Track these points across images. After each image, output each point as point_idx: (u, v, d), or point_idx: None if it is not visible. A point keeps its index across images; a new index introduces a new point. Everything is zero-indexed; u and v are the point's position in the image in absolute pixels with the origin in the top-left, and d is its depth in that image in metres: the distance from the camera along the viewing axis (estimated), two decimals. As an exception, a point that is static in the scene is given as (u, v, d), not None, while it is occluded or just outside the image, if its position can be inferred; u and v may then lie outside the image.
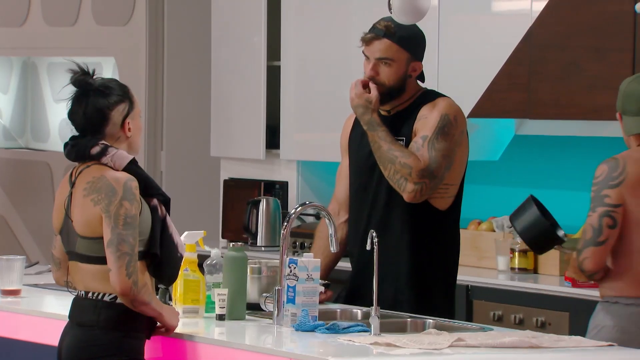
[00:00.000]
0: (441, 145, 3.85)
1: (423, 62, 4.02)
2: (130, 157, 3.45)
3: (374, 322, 3.39)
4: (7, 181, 7.62)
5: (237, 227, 6.06)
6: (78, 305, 3.45)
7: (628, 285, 3.62)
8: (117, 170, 3.43)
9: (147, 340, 3.47)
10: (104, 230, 3.36)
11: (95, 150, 3.43)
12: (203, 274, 3.75)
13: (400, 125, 3.96)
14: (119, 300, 3.39)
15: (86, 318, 3.41)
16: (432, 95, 3.99)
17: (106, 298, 3.40)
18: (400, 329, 3.66)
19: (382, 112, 4.02)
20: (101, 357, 3.39)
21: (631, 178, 3.60)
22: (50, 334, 3.64)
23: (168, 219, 3.46)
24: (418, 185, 3.83)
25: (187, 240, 3.74)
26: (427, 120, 3.89)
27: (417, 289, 3.91)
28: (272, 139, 6.06)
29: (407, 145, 3.91)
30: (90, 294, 3.42)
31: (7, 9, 7.51)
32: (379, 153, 3.88)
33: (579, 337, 3.46)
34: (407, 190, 3.83)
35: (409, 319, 3.73)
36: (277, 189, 6.08)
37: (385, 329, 3.45)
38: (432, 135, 3.86)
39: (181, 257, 3.49)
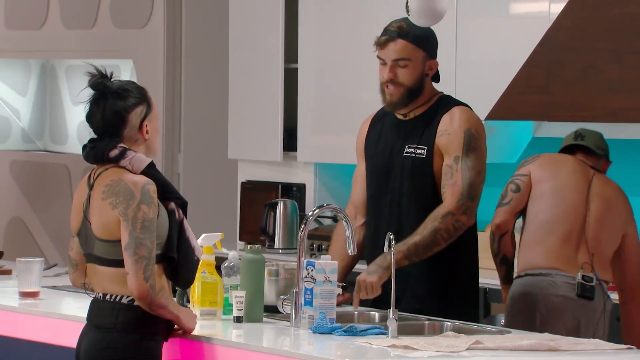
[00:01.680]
0: (473, 162, 3.87)
1: (440, 65, 4.02)
2: (149, 160, 3.46)
3: (392, 324, 3.39)
4: (26, 183, 7.65)
5: (254, 229, 6.06)
6: (96, 308, 3.46)
7: (536, 258, 4.07)
8: (135, 173, 3.43)
9: (164, 343, 3.48)
10: (122, 233, 3.36)
11: (114, 153, 3.44)
12: (220, 276, 3.75)
13: (419, 132, 3.94)
14: (136, 303, 3.40)
15: (104, 320, 3.42)
16: (449, 103, 3.97)
17: (124, 300, 3.41)
18: (418, 331, 3.66)
19: (399, 116, 4.02)
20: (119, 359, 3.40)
21: (543, 159, 4.23)
22: (69, 336, 3.65)
23: (185, 222, 3.47)
24: (465, 214, 3.84)
25: (205, 243, 3.74)
26: (450, 137, 3.89)
27: (439, 296, 3.90)
28: (290, 141, 6.07)
29: (428, 156, 3.90)
30: (108, 297, 3.43)
31: (26, 12, 7.55)
32: (423, 250, 3.82)
33: (597, 340, 3.45)
34: (464, 224, 3.85)
35: (426, 322, 3.72)
36: (294, 191, 6.08)
37: (402, 331, 3.44)
38: (462, 154, 3.87)
39: (198, 260, 3.49)
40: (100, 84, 3.46)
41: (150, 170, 3.45)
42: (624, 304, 4.21)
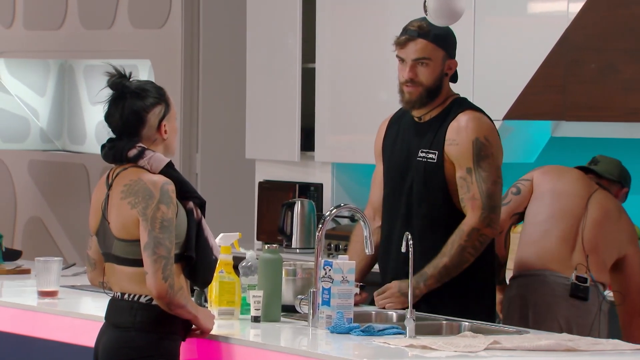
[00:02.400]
0: (487, 173, 3.86)
1: (457, 64, 4.01)
2: (167, 160, 3.46)
3: (409, 324, 3.39)
4: (44, 183, 7.67)
5: (272, 229, 6.07)
6: (114, 307, 3.47)
7: (531, 258, 4.13)
8: (154, 173, 3.44)
9: (182, 342, 3.48)
10: (141, 233, 3.37)
11: (132, 153, 3.44)
12: (238, 276, 3.76)
13: (431, 136, 3.93)
14: (155, 302, 3.40)
15: (122, 319, 3.42)
16: (459, 107, 3.94)
17: (142, 300, 3.41)
18: (436, 331, 3.66)
19: (415, 119, 4.01)
20: (137, 359, 3.40)
21: (549, 167, 4.31)
22: (87, 335, 3.66)
23: (203, 221, 3.47)
24: (489, 227, 3.85)
25: (223, 242, 3.75)
26: (458, 147, 3.88)
27: (454, 301, 3.89)
28: (307, 141, 6.07)
29: (439, 161, 3.89)
30: (126, 296, 3.44)
31: (45, 13, 7.57)
32: (454, 270, 3.82)
33: (616, 341, 3.44)
34: (488, 236, 3.85)
35: (444, 322, 3.72)
36: (311, 191, 6.09)
37: (420, 331, 3.44)
38: (474, 165, 3.86)
39: (216, 260, 3.50)
40: (119, 83, 3.46)
41: (168, 170, 3.45)
42: (623, 324, 4.22)
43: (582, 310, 4.06)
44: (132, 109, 3.45)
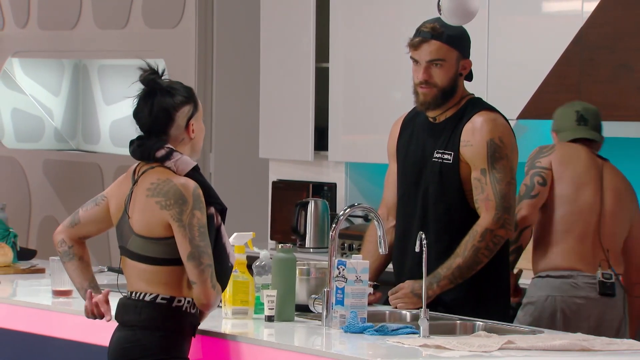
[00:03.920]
0: (501, 174, 3.85)
1: (472, 64, 4.01)
2: (194, 163, 3.45)
3: (423, 324, 3.39)
4: (59, 183, 7.69)
5: (285, 228, 6.07)
6: (122, 306, 3.47)
7: (556, 259, 4.11)
8: (179, 175, 3.43)
9: (193, 342, 3.47)
10: (179, 240, 3.35)
11: (160, 153, 3.43)
12: (252, 276, 3.76)
13: (447, 137, 3.93)
14: (159, 300, 3.40)
15: (128, 318, 3.43)
16: (474, 108, 3.94)
17: (147, 298, 3.41)
18: (450, 331, 3.65)
19: (429, 119, 4.01)
20: (144, 357, 3.39)
21: (559, 153, 4.26)
22: (101, 335, 3.66)
23: (222, 228, 3.46)
24: (503, 228, 3.84)
25: (236, 242, 3.75)
26: (473, 149, 3.88)
27: (468, 303, 3.88)
28: (321, 141, 6.07)
29: (455, 162, 3.89)
30: (133, 294, 3.44)
31: (59, 13, 7.59)
32: (467, 271, 3.82)
33: (631, 341, 3.43)
34: (502, 237, 3.84)
35: (458, 322, 3.72)
36: (325, 191, 6.09)
37: (434, 331, 3.44)
38: (488, 167, 3.86)
39: (231, 267, 3.49)
40: (152, 80, 3.45)
41: (194, 174, 3.44)
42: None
43: (611, 307, 4.09)
44: (162, 106, 3.44)
